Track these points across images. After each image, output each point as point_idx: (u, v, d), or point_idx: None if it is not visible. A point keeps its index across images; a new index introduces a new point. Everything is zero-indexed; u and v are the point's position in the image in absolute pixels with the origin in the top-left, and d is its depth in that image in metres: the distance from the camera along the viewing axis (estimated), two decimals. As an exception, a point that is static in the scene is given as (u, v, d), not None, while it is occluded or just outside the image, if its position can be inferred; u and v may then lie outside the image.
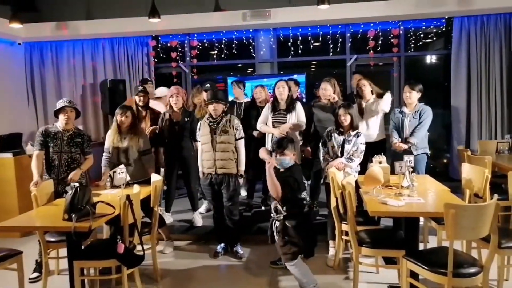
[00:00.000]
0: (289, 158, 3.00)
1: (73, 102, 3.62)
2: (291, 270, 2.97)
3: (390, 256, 3.07)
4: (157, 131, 4.40)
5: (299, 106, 4.15)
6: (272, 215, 3.05)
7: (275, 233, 3.04)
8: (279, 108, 4.15)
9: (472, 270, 2.36)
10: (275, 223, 3.02)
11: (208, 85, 4.62)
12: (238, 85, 4.97)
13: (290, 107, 4.11)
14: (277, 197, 2.92)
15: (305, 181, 3.97)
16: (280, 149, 2.98)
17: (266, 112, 4.22)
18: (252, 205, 4.83)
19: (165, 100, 4.77)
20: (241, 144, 3.68)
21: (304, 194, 3.05)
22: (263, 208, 4.83)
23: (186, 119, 4.31)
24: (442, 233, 3.30)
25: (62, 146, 3.53)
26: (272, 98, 4.39)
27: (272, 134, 4.10)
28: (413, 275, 2.59)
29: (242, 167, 3.69)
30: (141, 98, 4.52)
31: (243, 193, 5.23)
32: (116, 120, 3.77)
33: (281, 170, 3.01)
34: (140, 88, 4.62)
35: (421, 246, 3.33)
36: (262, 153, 3.22)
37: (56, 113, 3.56)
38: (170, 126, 4.32)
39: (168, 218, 4.50)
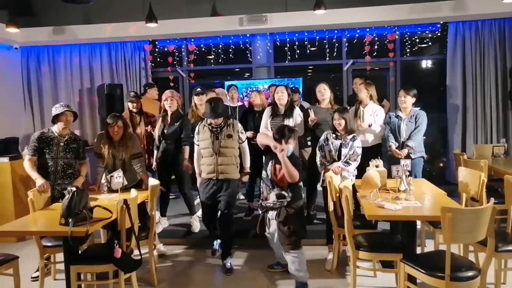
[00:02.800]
0: (292, 146, 3.08)
1: (70, 106, 3.61)
2: (292, 260, 3.04)
3: (388, 260, 3.08)
4: (152, 131, 4.40)
5: (297, 111, 4.17)
6: (270, 203, 3.06)
7: (270, 223, 3.12)
8: (278, 113, 4.17)
9: (470, 273, 2.36)
10: (278, 211, 3.04)
11: (199, 89, 4.61)
12: (237, 90, 5.03)
13: (288, 112, 4.12)
14: (293, 181, 2.98)
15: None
16: (284, 138, 3.03)
17: (266, 117, 4.23)
18: (253, 209, 4.81)
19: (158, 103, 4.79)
20: (246, 145, 3.73)
21: None
22: (260, 212, 4.82)
23: (175, 123, 4.28)
24: (439, 237, 3.30)
25: (59, 152, 3.52)
26: (271, 103, 4.40)
27: None
28: (411, 278, 2.59)
29: (248, 164, 3.74)
30: (134, 104, 4.53)
31: (241, 196, 5.26)
32: (108, 130, 3.67)
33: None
34: (132, 94, 4.62)
35: (418, 250, 3.33)
36: (265, 140, 3.21)
37: (54, 118, 3.54)
38: (163, 130, 4.32)
39: (164, 223, 4.49)
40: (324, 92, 4.18)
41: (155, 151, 4.39)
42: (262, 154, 3.61)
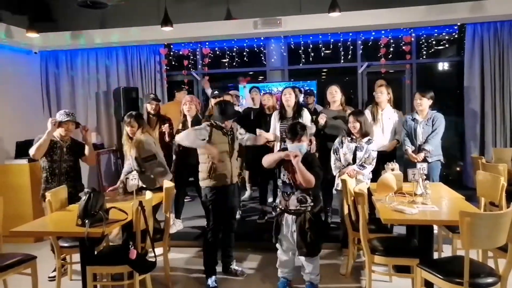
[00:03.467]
0: (306, 143, 3.05)
1: (74, 115, 3.67)
2: (307, 264, 3.05)
3: (403, 265, 3.03)
4: (167, 139, 4.42)
5: (306, 113, 4.17)
6: (292, 210, 3.02)
7: (284, 228, 3.06)
8: (286, 116, 4.16)
9: (489, 280, 2.31)
10: (299, 216, 2.99)
11: (216, 92, 4.64)
12: (258, 91, 5.05)
13: (296, 114, 4.12)
14: (309, 186, 2.94)
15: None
16: (296, 136, 2.99)
17: (274, 121, 4.23)
18: (266, 212, 4.80)
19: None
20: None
21: None
22: (274, 214, 4.81)
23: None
24: (457, 242, 3.24)
25: (62, 156, 3.60)
26: (279, 106, 4.41)
27: (280, 142, 4.12)
28: (427, 284, 2.55)
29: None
30: (153, 106, 4.56)
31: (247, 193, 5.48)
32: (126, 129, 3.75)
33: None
34: (152, 96, 4.65)
35: (435, 255, 3.27)
36: (273, 156, 3.14)
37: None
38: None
39: (179, 225, 4.51)
40: (334, 94, 4.17)
41: (173, 156, 4.43)
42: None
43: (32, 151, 3.54)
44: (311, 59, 6.36)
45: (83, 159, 3.74)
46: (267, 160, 3.11)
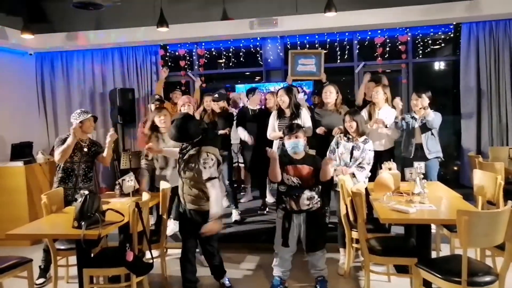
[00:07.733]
0: (303, 140, 3.12)
1: (88, 111, 3.68)
2: (319, 259, 3.14)
3: (402, 265, 3.03)
4: None
5: (304, 112, 4.17)
6: (304, 207, 3.04)
7: (307, 226, 3.08)
8: (284, 115, 4.17)
9: (487, 278, 2.32)
10: (313, 212, 3.07)
11: (216, 95, 4.61)
12: (258, 92, 5.04)
13: (293, 114, 4.12)
14: (326, 180, 3.08)
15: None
16: (293, 132, 3.09)
17: (273, 120, 4.24)
18: (267, 205, 4.77)
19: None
20: (211, 185, 2.83)
21: None
22: (278, 216, 4.79)
23: None
24: (455, 241, 3.25)
25: (82, 157, 3.59)
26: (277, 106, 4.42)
27: (280, 142, 4.12)
28: (426, 283, 2.55)
29: (215, 210, 2.82)
30: (156, 106, 4.57)
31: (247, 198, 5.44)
32: (153, 121, 3.73)
33: (297, 157, 3.10)
34: (157, 97, 4.67)
35: (433, 254, 3.27)
36: (277, 172, 3.09)
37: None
38: None
39: (176, 226, 4.48)
40: (329, 96, 4.19)
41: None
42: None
43: (57, 156, 3.47)
44: (307, 59, 6.35)
45: (100, 159, 3.69)
46: (273, 175, 3.08)
